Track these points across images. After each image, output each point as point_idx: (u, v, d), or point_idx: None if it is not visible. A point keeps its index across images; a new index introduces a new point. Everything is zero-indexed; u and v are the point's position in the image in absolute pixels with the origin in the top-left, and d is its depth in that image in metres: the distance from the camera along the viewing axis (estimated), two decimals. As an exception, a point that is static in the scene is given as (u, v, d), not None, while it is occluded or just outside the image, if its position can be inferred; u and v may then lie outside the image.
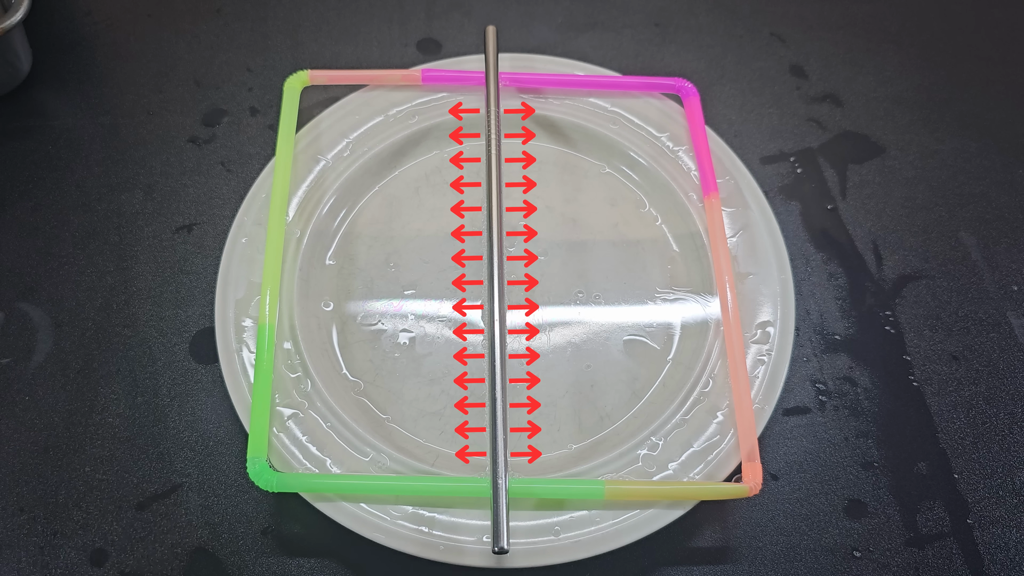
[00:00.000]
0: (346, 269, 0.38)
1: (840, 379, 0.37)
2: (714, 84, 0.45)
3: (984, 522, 0.34)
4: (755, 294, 0.36)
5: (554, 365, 0.36)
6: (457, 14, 0.47)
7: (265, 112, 0.43)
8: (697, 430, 0.33)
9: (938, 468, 0.35)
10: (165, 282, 0.38)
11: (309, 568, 0.32)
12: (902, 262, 0.40)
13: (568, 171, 0.41)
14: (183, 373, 0.36)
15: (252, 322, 0.35)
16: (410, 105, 0.41)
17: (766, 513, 0.34)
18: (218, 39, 0.46)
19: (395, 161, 0.40)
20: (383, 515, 0.31)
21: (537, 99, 0.41)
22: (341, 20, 0.47)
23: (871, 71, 0.46)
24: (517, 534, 0.31)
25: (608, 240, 0.39)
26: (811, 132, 0.43)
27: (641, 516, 0.31)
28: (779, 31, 0.47)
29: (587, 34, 0.46)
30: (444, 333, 0.36)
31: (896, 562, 0.33)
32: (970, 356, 0.37)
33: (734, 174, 0.39)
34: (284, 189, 0.37)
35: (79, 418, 0.35)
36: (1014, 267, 0.40)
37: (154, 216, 0.40)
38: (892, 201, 0.41)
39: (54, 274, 0.38)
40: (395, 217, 0.39)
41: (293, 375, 0.34)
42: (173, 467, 0.34)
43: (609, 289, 0.38)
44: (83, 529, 0.33)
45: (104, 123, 0.43)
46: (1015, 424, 0.36)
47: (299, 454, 0.32)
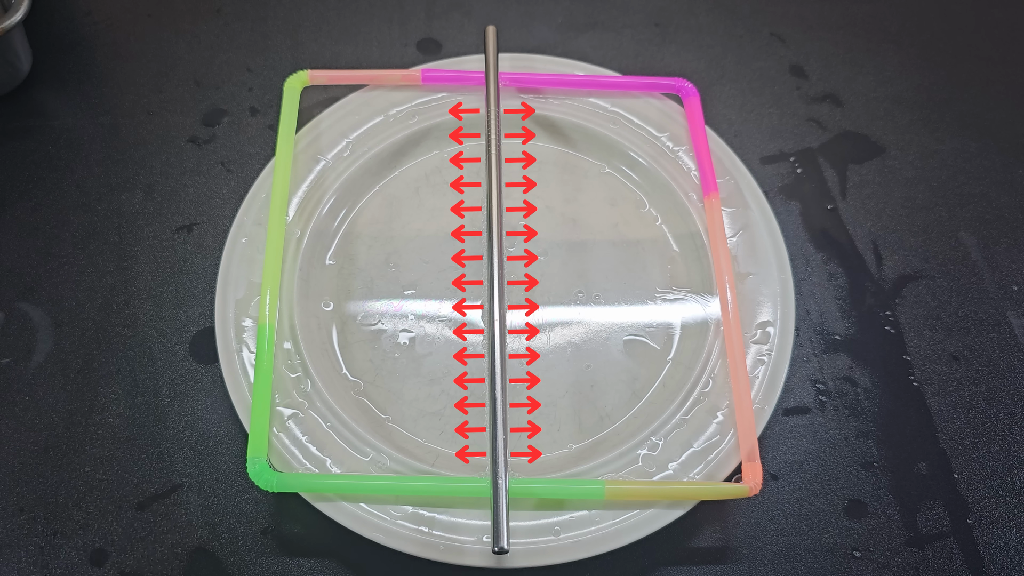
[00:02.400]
0: (346, 269, 0.38)
1: (840, 379, 0.37)
2: (714, 84, 0.45)
3: (984, 522, 0.34)
4: (755, 294, 0.36)
5: (554, 365, 0.36)
6: (457, 14, 0.47)
7: (265, 112, 0.43)
8: (697, 430, 0.33)
9: (938, 468, 0.35)
10: (165, 282, 0.38)
11: (309, 568, 0.32)
12: (902, 262, 0.40)
13: (568, 171, 0.41)
14: (183, 373, 0.36)
15: (252, 322, 0.35)
16: (410, 105, 0.41)
17: (766, 513, 0.34)
18: (218, 39, 0.46)
19: (395, 161, 0.40)
20: (383, 515, 0.31)
21: (537, 99, 0.41)
22: (341, 20, 0.47)
23: (871, 71, 0.46)
24: (517, 534, 0.31)
25: (608, 240, 0.39)
26: (811, 132, 0.43)
27: (641, 516, 0.31)
28: (779, 31, 0.47)
29: (587, 34, 0.46)
30: (444, 333, 0.36)
31: (896, 562, 0.33)
32: (970, 356, 0.37)
33: (734, 174, 0.39)
34: (284, 189, 0.37)
35: (79, 418, 0.35)
36: (1014, 267, 0.40)
37: (154, 216, 0.40)
38: (892, 201, 0.41)
39: (54, 274, 0.38)
40: (395, 217, 0.39)
41: (293, 375, 0.34)
42: (173, 467, 0.34)
43: (609, 289, 0.38)
44: (83, 529, 0.33)
45: (104, 123, 0.43)
46: (1015, 424, 0.36)
47: (299, 454, 0.32)
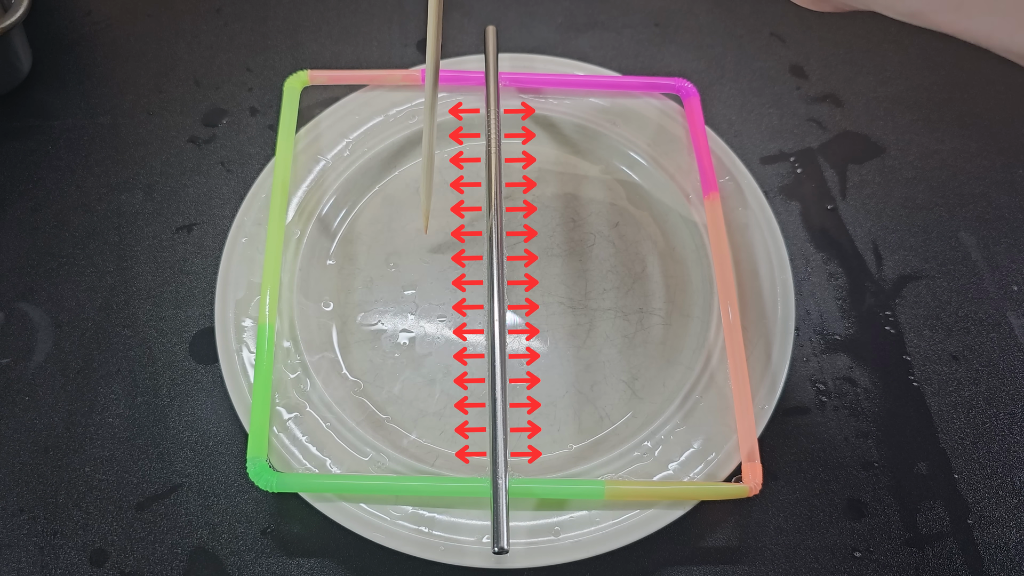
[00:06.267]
0: (346, 269, 0.38)
1: (840, 379, 0.37)
2: (714, 84, 0.45)
3: (984, 522, 0.34)
4: (755, 294, 0.36)
5: (554, 365, 0.36)
6: (457, 14, 0.47)
7: (265, 112, 0.43)
8: (697, 430, 0.33)
9: (938, 468, 0.35)
10: (165, 282, 0.38)
11: (309, 568, 0.32)
12: (902, 262, 0.40)
13: (568, 171, 0.41)
14: (183, 373, 0.36)
15: (252, 322, 0.35)
16: (410, 105, 0.41)
17: (766, 513, 0.34)
18: (218, 39, 0.46)
19: (395, 161, 0.40)
20: (383, 515, 0.31)
21: (537, 99, 0.41)
22: (341, 20, 0.47)
23: (871, 71, 0.46)
24: (517, 534, 0.31)
25: (608, 240, 0.39)
26: (811, 132, 0.43)
27: (641, 516, 0.31)
28: (779, 31, 0.47)
29: (587, 34, 0.46)
30: (444, 333, 0.36)
31: (896, 562, 0.33)
32: (970, 356, 0.37)
33: (734, 174, 0.39)
34: (284, 189, 0.37)
35: (79, 418, 0.35)
36: (1014, 267, 0.40)
37: (154, 216, 0.40)
38: (892, 201, 0.41)
39: (54, 274, 0.38)
40: (395, 217, 0.39)
41: (293, 375, 0.34)
42: (173, 467, 0.34)
43: (609, 289, 0.38)
44: (83, 529, 0.33)
45: (104, 123, 0.43)
46: (1015, 424, 0.36)
47: (299, 454, 0.32)
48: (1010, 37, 0.20)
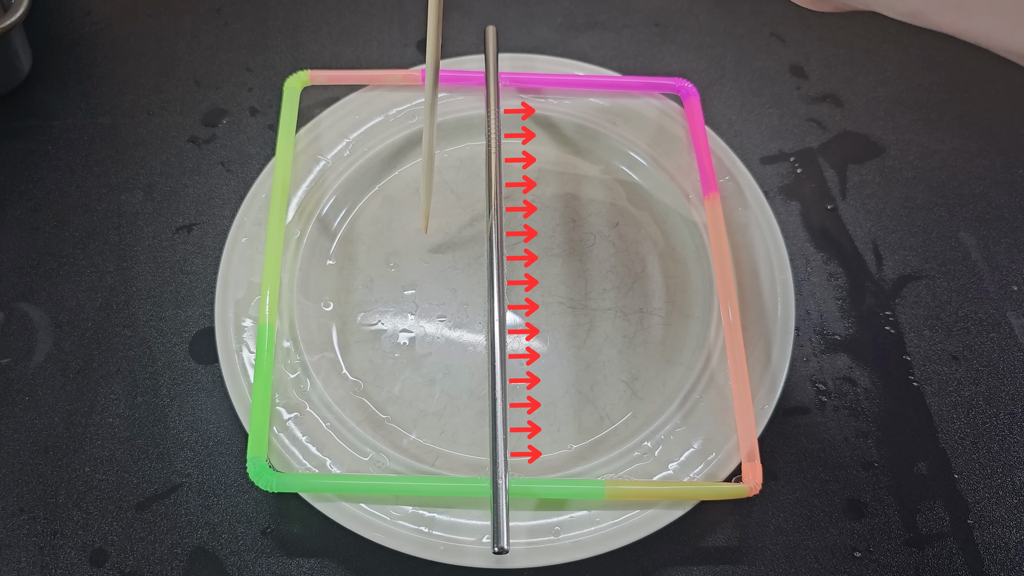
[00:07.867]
0: (346, 269, 0.38)
1: (840, 379, 0.37)
2: (714, 84, 0.45)
3: (984, 522, 0.34)
4: (755, 294, 0.36)
5: (554, 365, 0.36)
6: (457, 14, 0.47)
7: (265, 112, 0.43)
8: (697, 430, 0.33)
9: (938, 468, 0.35)
10: (165, 282, 0.38)
11: (309, 568, 0.32)
12: (902, 262, 0.40)
13: (568, 171, 0.41)
14: (183, 373, 0.36)
15: (252, 322, 0.35)
16: (410, 105, 0.41)
17: (766, 513, 0.34)
18: (218, 39, 0.46)
19: (395, 161, 0.40)
20: (383, 515, 0.31)
21: (537, 99, 0.41)
22: (341, 20, 0.47)
23: (871, 71, 0.46)
24: (517, 534, 0.31)
25: (608, 240, 0.39)
26: (811, 132, 0.43)
27: (641, 516, 0.31)
28: (779, 31, 0.47)
29: (587, 34, 0.46)
30: (444, 333, 0.36)
31: (896, 562, 0.33)
32: (970, 356, 0.37)
33: (734, 174, 0.39)
34: (284, 189, 0.37)
35: (79, 418, 0.35)
36: (1014, 267, 0.40)
37: (154, 216, 0.40)
38: (892, 201, 0.41)
39: (54, 274, 0.38)
40: (395, 217, 0.39)
41: (293, 375, 0.34)
42: (173, 467, 0.34)
43: (609, 289, 0.38)
44: (83, 529, 0.33)
45: (104, 123, 0.43)
46: (1015, 424, 0.36)
47: (299, 454, 0.32)
48: (1010, 37, 0.20)
